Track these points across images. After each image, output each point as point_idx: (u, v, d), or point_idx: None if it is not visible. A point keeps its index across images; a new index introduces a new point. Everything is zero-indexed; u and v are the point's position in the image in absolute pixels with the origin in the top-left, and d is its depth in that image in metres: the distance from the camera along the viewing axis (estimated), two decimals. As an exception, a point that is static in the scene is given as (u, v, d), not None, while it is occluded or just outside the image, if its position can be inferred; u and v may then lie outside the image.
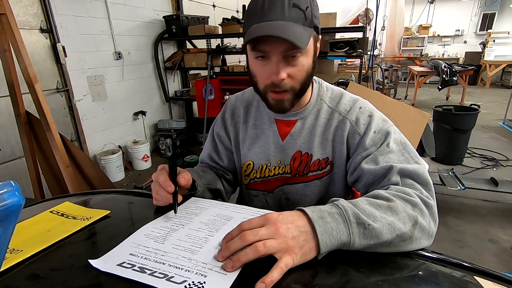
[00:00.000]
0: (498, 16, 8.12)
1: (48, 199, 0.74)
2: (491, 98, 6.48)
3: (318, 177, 0.75)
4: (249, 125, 0.81)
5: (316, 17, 0.62)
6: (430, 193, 0.56)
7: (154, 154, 3.73)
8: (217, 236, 0.51)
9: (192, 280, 0.40)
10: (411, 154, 0.64)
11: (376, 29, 3.63)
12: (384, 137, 0.66)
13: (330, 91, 0.77)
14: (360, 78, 3.33)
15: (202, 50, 3.68)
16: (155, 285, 0.39)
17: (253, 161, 0.80)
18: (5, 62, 1.61)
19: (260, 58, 0.62)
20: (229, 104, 0.87)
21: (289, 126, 0.76)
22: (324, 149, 0.73)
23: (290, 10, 0.57)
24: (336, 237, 0.45)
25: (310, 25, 0.60)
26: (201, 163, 0.92)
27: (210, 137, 0.89)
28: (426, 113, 2.01)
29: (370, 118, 0.70)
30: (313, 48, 0.64)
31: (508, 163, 3.20)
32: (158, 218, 0.58)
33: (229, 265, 0.41)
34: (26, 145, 1.79)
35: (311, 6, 0.60)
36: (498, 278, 0.45)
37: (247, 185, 0.84)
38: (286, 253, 0.42)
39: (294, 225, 0.45)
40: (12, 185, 0.28)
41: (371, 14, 5.41)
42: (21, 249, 0.49)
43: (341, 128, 0.71)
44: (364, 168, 0.64)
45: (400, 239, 0.48)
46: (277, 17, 0.57)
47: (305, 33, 0.59)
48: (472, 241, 2.02)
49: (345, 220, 0.46)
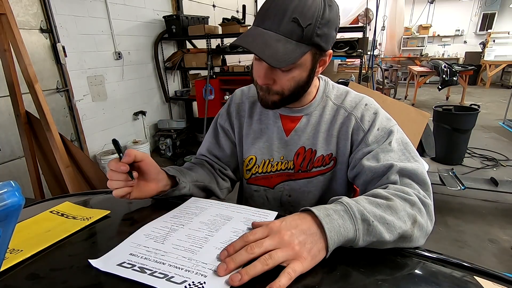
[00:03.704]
0: (498, 16, 8.12)
1: (48, 199, 0.74)
2: (491, 98, 6.48)
3: (321, 173, 0.76)
4: (254, 119, 0.81)
5: (320, 35, 0.59)
6: (427, 193, 0.57)
7: (154, 154, 3.73)
8: (217, 236, 0.51)
9: (192, 280, 0.40)
10: (411, 153, 0.64)
11: (376, 29, 3.63)
12: (387, 135, 0.67)
13: (336, 89, 0.78)
14: (360, 78, 3.33)
15: (202, 50, 3.68)
16: (155, 285, 0.39)
17: (255, 155, 0.80)
18: (5, 62, 1.61)
19: (257, 58, 0.64)
20: (235, 98, 0.86)
21: (294, 122, 0.76)
22: (329, 145, 0.74)
23: (287, 24, 0.57)
24: (344, 234, 0.45)
25: (308, 42, 0.59)
26: (197, 158, 0.90)
27: (212, 129, 0.88)
28: (426, 113, 2.01)
29: (375, 115, 0.70)
30: (310, 64, 0.64)
31: (508, 163, 3.20)
32: (158, 218, 0.58)
33: (237, 279, 0.39)
34: (26, 145, 1.79)
35: (315, 24, 0.58)
36: (498, 278, 0.45)
37: (248, 179, 0.84)
38: (294, 259, 0.42)
39: (298, 230, 0.44)
40: (12, 185, 0.28)
41: (371, 14, 5.41)
42: (21, 249, 0.49)
43: (346, 124, 0.72)
44: (364, 164, 0.65)
45: (401, 237, 0.48)
46: (272, 27, 0.58)
47: (296, 50, 0.58)
48: (472, 241, 2.02)
49: (351, 217, 0.47)
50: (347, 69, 5.88)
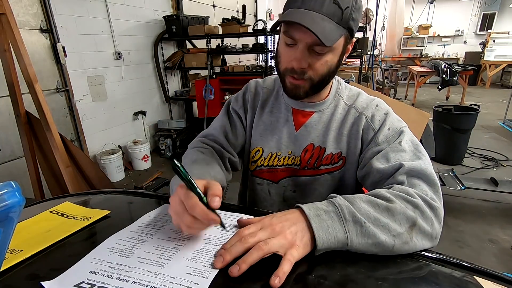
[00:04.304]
0: (498, 16, 8.12)
1: (48, 199, 0.74)
2: (491, 98, 6.48)
3: (329, 171, 0.75)
4: (265, 111, 0.80)
5: (354, 19, 0.61)
6: (436, 194, 0.56)
7: (154, 154, 3.72)
8: (188, 245, 0.47)
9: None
10: (422, 155, 0.64)
11: (376, 29, 3.63)
12: (398, 135, 0.67)
13: (348, 90, 0.79)
14: (360, 78, 3.33)
15: (202, 50, 3.68)
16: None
17: (263, 148, 0.79)
18: (5, 62, 1.61)
19: (290, 44, 0.64)
20: (250, 87, 0.84)
21: (305, 117, 0.76)
22: (339, 144, 0.73)
23: (329, 5, 0.58)
24: (332, 234, 0.46)
25: (345, 25, 0.61)
26: (203, 143, 0.79)
27: (225, 112, 0.84)
28: (426, 113, 2.01)
29: (386, 115, 0.70)
30: (341, 48, 0.65)
31: (508, 163, 3.20)
32: (125, 228, 0.53)
33: (235, 269, 0.40)
34: (26, 145, 1.79)
35: (351, 8, 0.60)
36: (498, 278, 0.45)
37: (253, 171, 0.83)
38: (289, 247, 0.44)
39: (288, 222, 0.47)
40: (13, 186, 0.28)
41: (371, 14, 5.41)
42: (21, 249, 0.49)
43: (357, 124, 0.72)
44: (373, 165, 0.64)
45: (399, 241, 0.48)
46: (315, 7, 0.58)
47: (337, 31, 0.59)
48: (472, 241, 2.02)
49: (340, 218, 0.47)
50: (347, 69, 5.87)
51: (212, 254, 0.46)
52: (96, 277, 0.41)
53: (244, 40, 4.58)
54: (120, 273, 0.41)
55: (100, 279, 0.40)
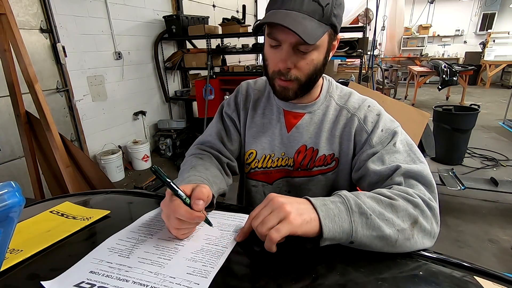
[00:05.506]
0: (498, 16, 8.12)
1: (48, 199, 0.74)
2: (491, 98, 6.48)
3: (322, 173, 0.75)
4: (257, 112, 0.80)
5: (336, 15, 0.61)
6: (433, 195, 0.57)
7: (154, 154, 3.73)
8: (188, 245, 0.47)
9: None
10: (417, 155, 0.64)
11: (376, 29, 3.63)
12: (391, 136, 0.67)
13: (340, 89, 0.78)
14: (360, 78, 3.33)
15: (202, 50, 3.68)
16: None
17: (256, 150, 0.79)
18: (5, 62, 1.61)
19: (274, 45, 0.64)
20: (241, 89, 0.85)
21: (296, 119, 0.76)
22: (331, 145, 0.73)
23: (309, 3, 0.58)
24: (338, 223, 0.46)
25: (327, 22, 0.61)
26: (200, 149, 0.79)
27: (219, 117, 0.84)
28: (426, 113, 2.01)
29: (378, 117, 0.70)
30: (326, 45, 0.65)
31: (508, 163, 3.20)
32: (125, 228, 0.53)
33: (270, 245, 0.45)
34: (26, 145, 1.79)
35: (332, 4, 0.60)
36: (498, 278, 0.45)
37: (247, 174, 0.83)
38: (285, 219, 0.45)
39: (295, 201, 0.48)
40: (13, 186, 0.28)
41: (371, 14, 5.41)
42: (21, 249, 0.49)
43: (349, 125, 0.72)
44: (369, 167, 0.64)
45: (402, 236, 0.48)
46: (295, 7, 0.58)
47: (319, 29, 0.59)
48: (472, 241, 2.02)
49: (347, 208, 0.48)
50: (347, 69, 5.88)
51: (212, 254, 0.46)
52: (96, 277, 0.41)
53: (244, 40, 4.58)
54: (120, 273, 0.41)
55: (100, 279, 0.40)
